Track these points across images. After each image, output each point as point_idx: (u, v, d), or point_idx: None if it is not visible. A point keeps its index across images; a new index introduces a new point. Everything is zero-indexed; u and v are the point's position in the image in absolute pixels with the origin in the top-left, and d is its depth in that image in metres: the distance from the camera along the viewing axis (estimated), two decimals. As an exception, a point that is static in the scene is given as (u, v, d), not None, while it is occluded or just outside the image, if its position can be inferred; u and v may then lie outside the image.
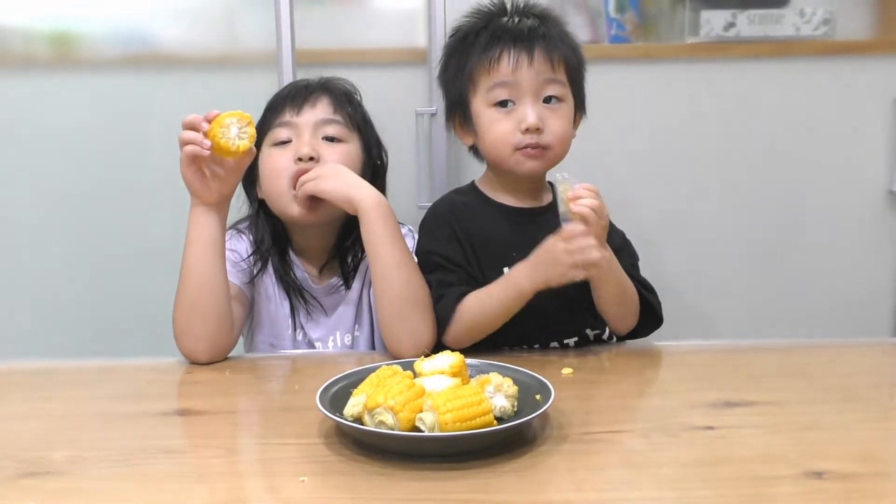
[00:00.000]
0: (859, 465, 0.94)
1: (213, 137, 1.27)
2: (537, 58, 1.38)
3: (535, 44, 1.38)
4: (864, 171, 2.26)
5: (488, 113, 1.40)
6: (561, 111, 1.40)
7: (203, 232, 1.34)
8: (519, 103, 1.38)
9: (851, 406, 1.13)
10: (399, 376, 1.03)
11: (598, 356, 1.38)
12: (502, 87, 1.38)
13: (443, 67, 1.48)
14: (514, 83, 1.37)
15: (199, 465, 0.99)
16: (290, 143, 1.47)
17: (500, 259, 1.40)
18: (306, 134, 1.46)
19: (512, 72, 1.37)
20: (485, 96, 1.40)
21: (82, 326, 2.15)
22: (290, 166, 1.44)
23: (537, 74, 1.38)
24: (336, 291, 1.54)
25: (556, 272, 1.26)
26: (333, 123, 1.49)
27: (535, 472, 0.93)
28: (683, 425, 1.06)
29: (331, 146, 1.48)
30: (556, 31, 1.42)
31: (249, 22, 2.12)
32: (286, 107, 1.49)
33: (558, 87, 1.40)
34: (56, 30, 2.10)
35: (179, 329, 1.34)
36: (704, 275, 2.27)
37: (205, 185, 1.32)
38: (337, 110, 1.50)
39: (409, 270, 1.37)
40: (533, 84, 1.38)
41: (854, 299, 2.29)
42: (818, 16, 2.19)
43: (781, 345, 1.47)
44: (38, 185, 2.13)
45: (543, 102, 1.39)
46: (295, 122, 1.47)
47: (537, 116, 1.37)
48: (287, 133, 1.47)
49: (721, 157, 2.24)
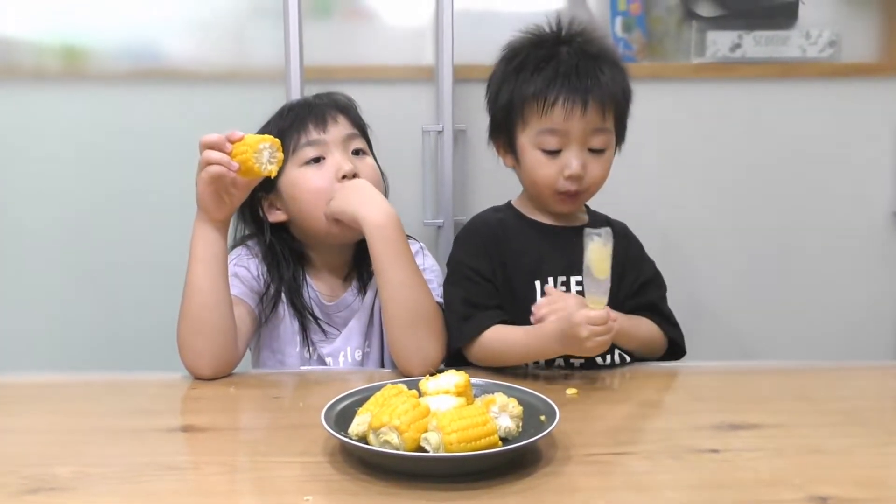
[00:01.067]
0: (863, 490, 0.94)
1: (245, 161, 1.27)
2: (591, 106, 1.38)
3: (590, 90, 1.38)
4: (868, 193, 2.26)
5: (534, 154, 1.42)
6: (603, 157, 1.43)
7: (208, 249, 1.34)
8: (565, 149, 1.40)
9: (855, 430, 1.13)
10: (404, 395, 1.04)
11: (602, 377, 1.38)
12: (552, 134, 1.40)
13: (494, 92, 1.48)
14: (565, 131, 1.39)
15: (203, 482, 0.98)
16: (324, 162, 1.46)
17: (532, 272, 1.43)
18: (337, 151, 1.47)
19: (564, 120, 1.38)
20: (533, 138, 1.41)
21: (88, 340, 2.14)
22: (331, 186, 1.44)
23: (587, 124, 1.39)
24: (347, 308, 1.53)
25: (578, 348, 1.28)
26: (356, 137, 1.51)
27: (540, 494, 0.93)
28: (688, 447, 1.06)
29: (361, 160, 1.49)
30: (610, 73, 1.42)
31: (258, 37, 2.13)
32: (309, 125, 1.47)
33: (604, 137, 1.42)
34: (66, 43, 2.11)
35: (183, 345, 1.34)
36: (707, 295, 2.27)
37: (218, 202, 1.33)
38: (354, 125, 1.52)
39: (416, 289, 1.38)
40: (581, 134, 1.40)
41: (858, 321, 2.28)
42: (824, 38, 2.20)
43: (785, 367, 1.47)
44: (47, 197, 2.13)
45: (588, 150, 1.41)
46: (324, 140, 1.47)
47: (581, 165, 1.40)
48: (315, 151, 1.46)
49: (726, 178, 2.24)
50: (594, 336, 1.24)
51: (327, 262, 1.54)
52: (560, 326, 1.28)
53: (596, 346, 1.26)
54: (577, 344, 1.27)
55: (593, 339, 1.25)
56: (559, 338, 1.29)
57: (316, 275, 1.55)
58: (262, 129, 1.51)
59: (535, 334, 1.34)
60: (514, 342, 1.36)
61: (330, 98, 1.55)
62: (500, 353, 1.38)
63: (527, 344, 1.35)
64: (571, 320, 1.26)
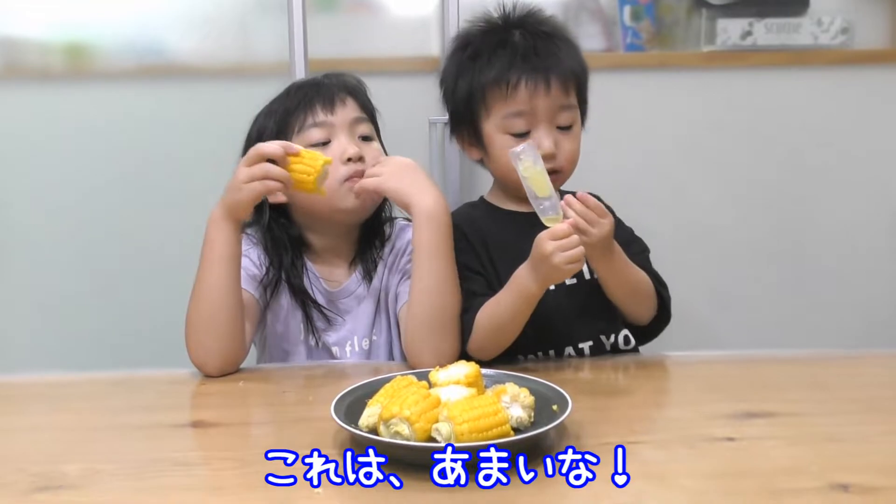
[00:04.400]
0: (885, 478, 0.92)
1: (305, 182, 1.29)
2: (553, 83, 1.37)
3: (550, 68, 1.37)
4: (882, 180, 2.25)
5: (502, 139, 1.40)
6: (573, 134, 1.42)
7: (227, 249, 1.33)
8: (534, 130, 1.38)
9: (872, 417, 1.11)
10: (414, 387, 1.02)
11: (615, 366, 1.37)
12: (519, 116, 1.38)
13: (450, 85, 1.46)
14: (531, 111, 1.38)
15: (212, 477, 0.98)
16: (330, 145, 1.45)
17: (516, 262, 1.37)
18: (343, 135, 1.45)
19: (529, 99, 1.37)
20: (500, 123, 1.39)
21: (96, 338, 2.15)
22: (337, 167, 1.42)
23: (553, 101, 1.38)
24: (352, 295, 1.51)
25: (548, 270, 1.23)
26: (364, 122, 1.49)
27: (553, 484, 0.91)
28: (703, 436, 1.04)
29: (367, 146, 1.47)
30: (566, 50, 1.41)
31: (262, 31, 2.13)
32: (317, 106, 1.46)
33: (570, 113, 1.41)
34: (70, 41, 2.11)
35: (192, 342, 1.33)
36: (719, 284, 2.25)
37: (252, 208, 1.33)
38: (362, 108, 1.50)
39: (450, 284, 1.35)
40: (548, 112, 1.38)
41: (873, 310, 2.27)
42: (836, 25, 2.18)
43: (800, 355, 1.45)
44: (52, 194, 2.13)
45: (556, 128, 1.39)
46: (330, 122, 1.45)
47: (553, 144, 1.38)
48: (321, 134, 1.45)
49: (737, 166, 2.23)
50: (560, 251, 1.20)
51: (330, 248, 1.52)
52: (529, 262, 1.26)
53: (565, 261, 1.20)
54: (547, 266, 1.21)
55: (559, 253, 1.20)
56: (530, 269, 1.25)
57: (319, 261, 1.52)
58: (267, 107, 1.51)
59: (512, 284, 1.30)
60: (499, 302, 1.32)
61: (339, 79, 1.52)
62: (494, 325, 1.32)
63: (507, 300, 1.30)
64: (535, 242, 1.23)
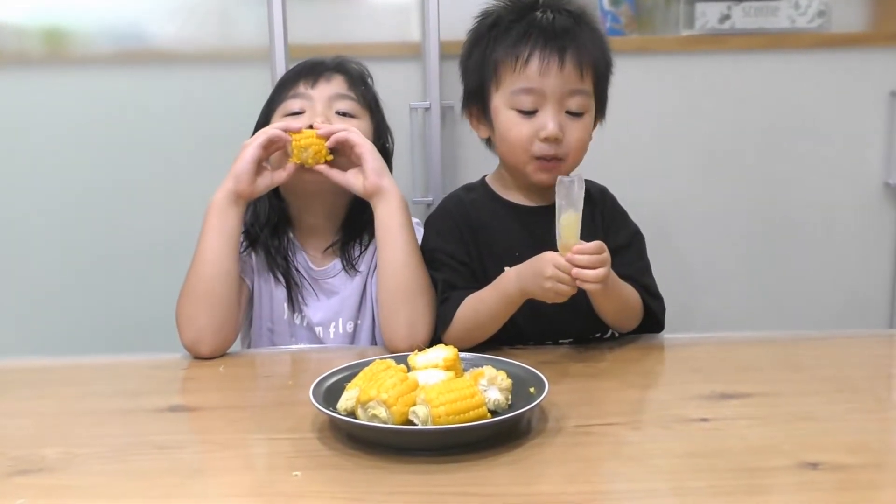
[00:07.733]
0: (853, 457, 0.94)
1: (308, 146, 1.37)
2: (567, 63, 1.33)
3: (566, 47, 1.33)
4: (860, 164, 2.26)
5: (508, 115, 1.36)
6: (582, 122, 1.36)
7: (227, 223, 1.35)
8: (541, 110, 1.34)
9: (845, 397, 1.13)
10: (392, 370, 1.03)
11: (592, 349, 1.37)
12: (527, 93, 1.34)
13: (466, 53, 1.43)
14: (540, 89, 1.33)
15: (192, 460, 0.98)
16: (304, 115, 1.45)
17: (504, 258, 1.37)
18: (319, 106, 1.46)
19: (539, 76, 1.32)
20: (508, 97, 1.35)
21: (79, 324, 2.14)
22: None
23: (564, 83, 1.33)
24: (337, 275, 1.51)
25: (536, 286, 1.23)
26: (347, 99, 1.49)
27: (529, 465, 0.93)
28: (678, 417, 1.06)
29: (344, 121, 1.46)
30: (588, 34, 1.37)
31: (242, 17, 2.12)
32: (300, 80, 1.49)
33: (582, 99, 1.35)
34: (49, 26, 2.09)
35: (185, 318, 1.33)
36: (699, 268, 2.27)
37: (255, 173, 1.37)
38: (351, 87, 1.50)
39: (417, 263, 1.38)
40: (558, 93, 1.33)
41: (851, 291, 2.29)
42: (813, 8, 2.19)
43: (775, 337, 1.47)
44: (32, 181, 2.12)
45: (565, 112, 1.35)
46: (309, 94, 1.47)
47: (558, 126, 1.33)
48: (300, 104, 1.47)
49: (716, 150, 2.24)
50: (556, 280, 1.20)
51: (316, 226, 1.52)
52: (522, 267, 1.25)
53: (554, 292, 1.21)
54: (536, 283, 1.22)
55: (555, 282, 1.20)
56: (519, 275, 1.26)
57: (305, 239, 1.53)
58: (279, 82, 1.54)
59: (498, 284, 1.30)
60: (483, 299, 1.32)
61: (336, 60, 1.54)
62: (475, 321, 1.32)
63: (490, 298, 1.30)
64: (541, 256, 1.23)
